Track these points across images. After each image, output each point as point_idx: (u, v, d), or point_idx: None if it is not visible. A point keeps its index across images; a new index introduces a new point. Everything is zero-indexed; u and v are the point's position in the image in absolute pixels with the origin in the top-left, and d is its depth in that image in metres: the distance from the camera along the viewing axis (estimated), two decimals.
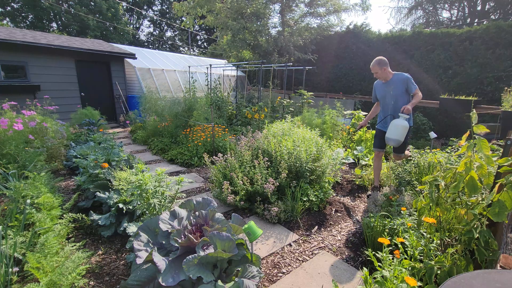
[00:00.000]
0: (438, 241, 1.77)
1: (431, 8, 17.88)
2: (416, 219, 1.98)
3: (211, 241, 1.59)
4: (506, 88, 5.30)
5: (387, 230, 2.24)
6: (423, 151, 3.69)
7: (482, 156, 1.52)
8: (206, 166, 4.70)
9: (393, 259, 1.61)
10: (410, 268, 1.63)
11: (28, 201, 2.18)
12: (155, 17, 28.26)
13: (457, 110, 6.80)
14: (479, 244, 1.51)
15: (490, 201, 1.47)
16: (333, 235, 2.66)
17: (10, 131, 3.49)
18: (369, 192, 3.52)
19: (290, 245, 2.48)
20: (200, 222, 1.84)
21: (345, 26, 12.20)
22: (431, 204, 1.79)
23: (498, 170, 1.53)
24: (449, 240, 1.82)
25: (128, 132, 7.62)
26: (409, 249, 1.73)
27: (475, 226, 1.55)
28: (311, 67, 9.97)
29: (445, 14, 18.29)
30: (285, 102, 7.07)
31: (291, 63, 9.73)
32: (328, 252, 2.38)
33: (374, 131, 4.99)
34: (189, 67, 10.02)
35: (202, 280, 1.44)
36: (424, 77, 8.18)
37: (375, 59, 3.22)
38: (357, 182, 3.91)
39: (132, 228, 2.17)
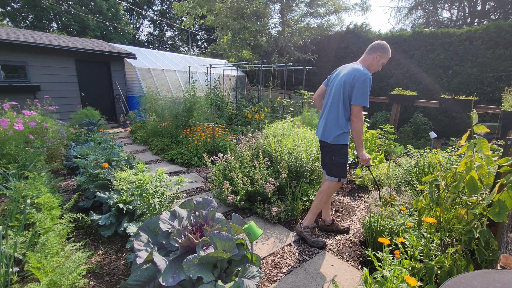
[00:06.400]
0: (438, 241, 1.77)
1: (431, 8, 17.88)
2: (416, 219, 1.98)
3: (211, 241, 1.59)
4: (506, 88, 5.31)
5: (387, 230, 2.24)
6: (423, 151, 3.69)
7: (482, 156, 1.52)
8: (206, 166, 4.70)
9: (393, 259, 1.61)
10: (410, 268, 1.63)
11: (28, 201, 2.18)
12: (155, 17, 28.26)
13: (457, 110, 6.81)
14: (479, 244, 1.51)
15: (491, 201, 1.47)
16: (333, 235, 2.66)
17: (10, 131, 3.49)
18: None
19: (290, 245, 2.48)
20: (200, 222, 1.84)
21: (345, 26, 12.19)
22: (431, 204, 1.79)
23: (498, 170, 1.52)
24: (449, 240, 1.82)
25: (128, 132, 7.62)
26: (409, 249, 1.73)
27: (475, 226, 1.54)
28: (311, 67, 9.98)
29: (445, 14, 18.31)
30: (285, 102, 7.07)
31: (291, 63, 9.74)
32: (328, 252, 2.38)
33: (374, 131, 4.91)
34: (189, 67, 10.02)
35: (202, 280, 1.44)
36: (424, 77, 8.19)
37: (385, 43, 2.23)
38: (357, 182, 3.90)
39: (132, 228, 2.17)
